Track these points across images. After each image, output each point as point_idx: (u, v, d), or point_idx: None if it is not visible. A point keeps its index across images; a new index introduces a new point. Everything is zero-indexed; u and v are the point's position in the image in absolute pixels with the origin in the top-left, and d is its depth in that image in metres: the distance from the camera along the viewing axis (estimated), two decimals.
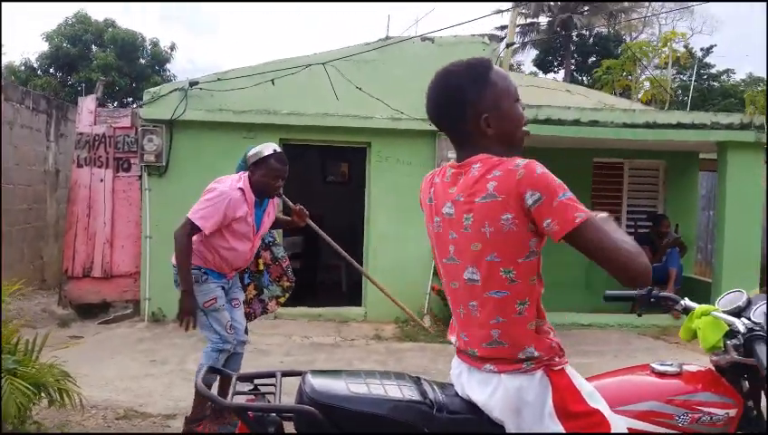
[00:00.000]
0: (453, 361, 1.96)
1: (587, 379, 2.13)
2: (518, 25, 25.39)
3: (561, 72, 26.56)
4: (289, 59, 7.54)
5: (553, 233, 1.61)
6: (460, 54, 7.30)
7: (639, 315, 2.58)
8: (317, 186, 10.36)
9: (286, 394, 1.95)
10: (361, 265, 7.84)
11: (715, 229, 8.79)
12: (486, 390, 1.77)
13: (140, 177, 7.60)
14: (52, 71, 21.59)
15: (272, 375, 2.06)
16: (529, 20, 25.59)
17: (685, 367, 2.12)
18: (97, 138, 7.64)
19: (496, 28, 24.70)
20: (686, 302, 2.29)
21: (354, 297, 8.14)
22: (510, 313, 1.70)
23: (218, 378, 3.66)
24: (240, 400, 1.91)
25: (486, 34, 7.83)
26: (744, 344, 2.02)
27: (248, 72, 7.43)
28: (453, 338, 1.92)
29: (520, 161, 1.65)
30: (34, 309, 7.31)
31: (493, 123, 1.74)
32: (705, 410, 1.98)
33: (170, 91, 7.53)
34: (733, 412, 2.01)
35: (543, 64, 27.63)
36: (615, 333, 7.35)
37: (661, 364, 2.11)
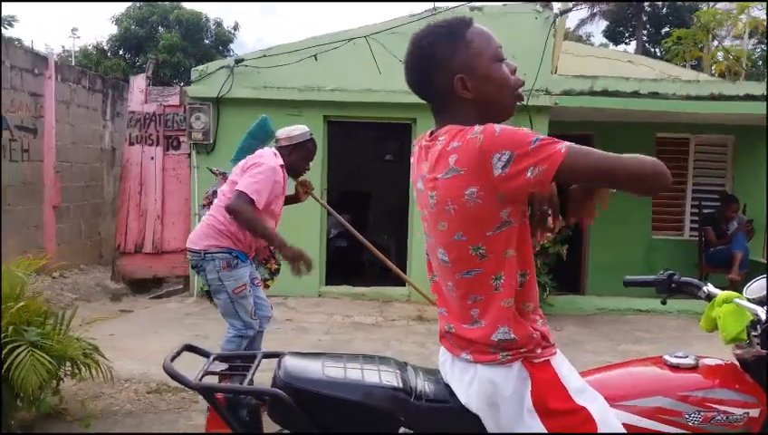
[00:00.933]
0: (441, 348, 1.82)
1: (593, 370, 1.96)
2: None
3: (633, 44, 25.37)
4: (333, 33, 7.43)
5: (545, 175, 1.41)
6: (510, 23, 6.98)
7: (664, 303, 2.36)
8: (368, 164, 10.26)
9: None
10: (406, 245, 7.74)
11: None
12: (464, 379, 1.64)
13: (189, 154, 7.70)
14: (121, 52, 22.35)
15: (252, 357, 1.98)
16: None
17: (703, 360, 1.91)
18: (147, 116, 7.80)
19: (550, 2, 23.87)
20: (710, 288, 2.06)
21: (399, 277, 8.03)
22: (486, 289, 1.56)
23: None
24: (213, 380, 1.84)
25: (539, 2, 7.44)
26: (763, 335, 1.78)
27: (292, 48, 7.37)
28: (440, 319, 1.78)
29: (477, 127, 1.47)
30: (89, 283, 7.57)
31: (471, 85, 1.57)
32: (721, 408, 1.76)
33: (217, 69, 7.56)
34: (755, 412, 1.79)
35: (614, 36, 26.46)
36: (674, 320, 6.97)
37: (675, 356, 1.90)
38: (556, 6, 7.47)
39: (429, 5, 7.59)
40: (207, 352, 1.98)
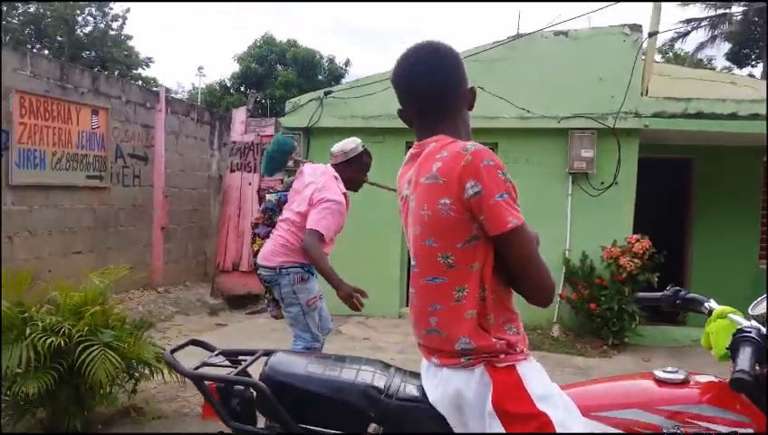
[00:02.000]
0: None
1: (584, 382, 1.95)
2: (707, 17, 23.13)
3: (760, 66, 23.62)
4: None
5: (488, 228, 1.55)
6: (596, 46, 6.92)
7: (681, 321, 2.27)
8: None
9: None
10: None
11: None
12: (433, 382, 1.71)
13: (282, 180, 8.15)
14: (242, 89, 23.95)
15: (254, 353, 2.14)
16: (719, 10, 23.05)
17: (694, 377, 1.85)
18: (246, 145, 8.38)
19: (681, 22, 22.71)
20: (711, 303, 1.99)
21: None
22: (447, 300, 1.61)
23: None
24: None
25: (627, 25, 7.25)
26: (730, 346, 1.71)
27: (377, 78, 7.66)
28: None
29: (470, 146, 1.57)
30: (190, 298, 8.17)
31: (471, 95, 1.74)
32: (704, 425, 1.70)
33: (308, 101, 8.00)
34: (745, 432, 1.71)
35: (738, 58, 24.77)
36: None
37: (664, 371, 1.85)
38: (646, 28, 7.24)
39: (513, 32, 7.60)
40: (212, 347, 2.16)
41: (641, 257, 6.60)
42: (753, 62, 24.43)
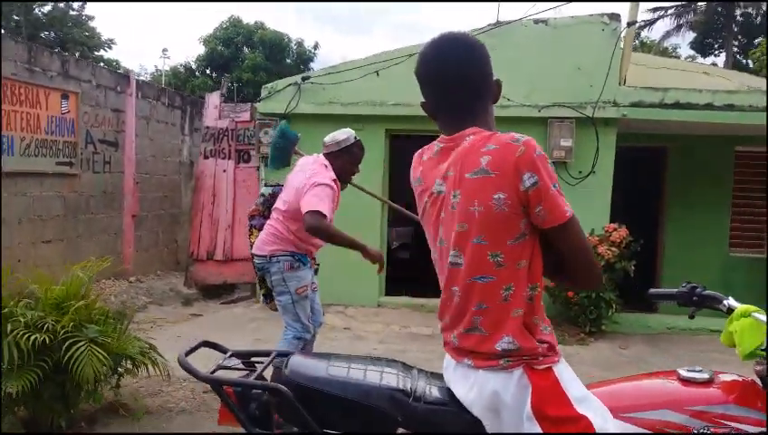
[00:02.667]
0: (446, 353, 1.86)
1: (604, 382, 1.93)
2: (673, 6, 23.52)
3: (723, 56, 24.17)
4: (395, 50, 7.56)
5: (544, 221, 1.53)
6: (576, 35, 6.91)
7: (692, 317, 2.28)
8: None
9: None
10: None
11: None
12: (466, 384, 1.67)
13: (258, 167, 8.01)
14: (208, 71, 23.47)
15: (268, 354, 2.07)
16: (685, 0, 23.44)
17: (719, 376, 1.85)
18: (221, 131, 8.19)
19: (648, 10, 23.06)
20: (731, 301, 1.99)
21: None
22: (494, 299, 1.58)
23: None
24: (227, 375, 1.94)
25: (606, 14, 7.28)
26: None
27: (356, 64, 7.55)
28: (442, 328, 1.80)
29: (519, 136, 1.55)
30: (163, 288, 7.99)
31: (497, 89, 1.71)
32: (733, 425, 1.70)
33: (285, 87, 7.84)
34: None
35: (702, 47, 25.30)
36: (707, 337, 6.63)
37: (689, 370, 1.85)
38: (624, 18, 7.28)
39: (492, 20, 7.55)
40: (225, 349, 2.08)
41: (619, 246, 6.68)
42: (717, 52, 24.98)
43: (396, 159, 7.83)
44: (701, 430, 1.69)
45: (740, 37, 24.16)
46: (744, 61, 22.70)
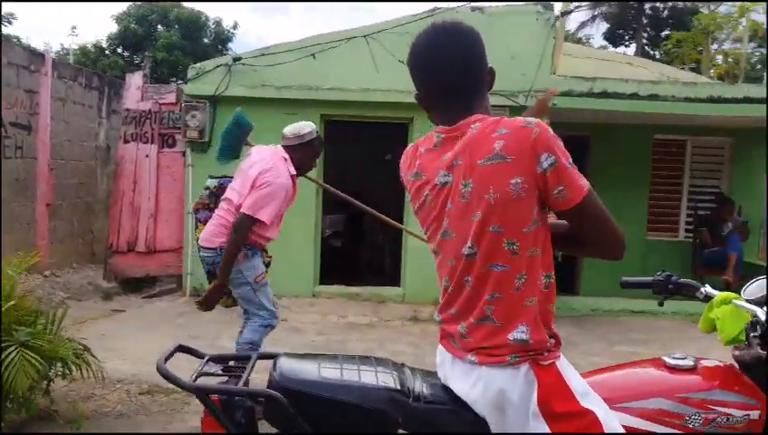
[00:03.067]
0: (438, 349, 1.78)
1: (590, 372, 1.93)
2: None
3: (633, 46, 25.35)
4: (331, 33, 7.39)
5: (566, 201, 1.49)
6: (510, 24, 6.95)
7: (661, 304, 2.32)
8: (365, 164, 10.20)
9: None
10: (400, 246, 7.69)
11: None
12: (468, 381, 1.60)
13: (184, 153, 7.64)
14: (119, 51, 22.26)
15: (247, 358, 1.93)
16: None
17: (702, 362, 1.88)
18: (143, 114, 7.73)
19: (551, 3, 23.81)
20: (708, 289, 2.04)
21: (395, 277, 8.00)
22: (507, 288, 1.53)
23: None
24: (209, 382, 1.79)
25: (540, 3, 7.40)
26: (762, 336, 1.75)
27: (290, 47, 7.33)
28: (437, 316, 1.72)
29: (531, 119, 1.49)
30: (81, 282, 7.50)
31: (491, 77, 1.67)
32: (722, 410, 1.73)
33: (214, 68, 7.51)
34: (755, 414, 1.75)
35: (614, 38, 26.45)
36: (667, 321, 6.94)
37: (674, 358, 1.87)
38: (557, 8, 7.44)
39: (430, 6, 7.52)
40: (201, 354, 1.92)
41: None
42: (627, 43, 26.18)
43: (332, 145, 7.68)
44: (693, 416, 1.71)
45: (648, 29, 25.44)
46: (652, 51, 23.90)
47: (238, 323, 6.10)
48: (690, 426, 1.69)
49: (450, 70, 1.60)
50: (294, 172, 3.66)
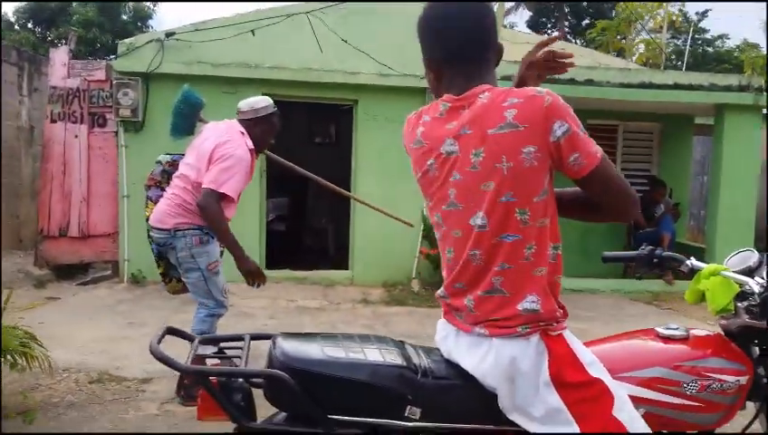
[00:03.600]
0: (438, 323, 1.76)
1: (587, 343, 1.95)
2: None
3: (555, 34, 26.06)
4: (271, 9, 7.20)
5: (581, 168, 1.49)
6: None
7: (639, 278, 2.40)
8: (303, 147, 10.06)
9: (259, 360, 1.75)
10: (347, 227, 7.64)
11: (708, 194, 8.65)
12: (476, 354, 1.59)
13: (116, 132, 7.29)
14: (30, 26, 20.93)
15: (240, 338, 1.86)
16: None
17: (692, 331, 1.94)
18: (71, 92, 7.31)
19: None
20: (693, 261, 2.10)
21: (341, 260, 7.95)
22: (517, 258, 1.52)
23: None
24: (202, 364, 1.71)
25: None
26: (760, 305, 1.83)
27: (228, 22, 7.09)
28: (441, 292, 1.70)
29: (541, 88, 1.49)
30: (10, 269, 7.04)
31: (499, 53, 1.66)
32: (716, 376, 1.80)
33: (146, 43, 7.18)
34: (744, 380, 1.84)
35: (537, 26, 27.13)
36: (607, 299, 7.23)
37: (667, 328, 1.92)
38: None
39: None
40: (191, 336, 1.84)
41: None
42: (549, 31, 26.89)
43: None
44: (689, 383, 1.77)
45: (569, 18, 26.24)
46: (574, 40, 24.67)
47: (181, 309, 5.98)
48: (688, 392, 1.75)
49: (462, 38, 1.58)
50: (252, 147, 3.54)
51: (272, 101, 3.69)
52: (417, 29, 1.64)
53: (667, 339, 1.90)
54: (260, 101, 3.65)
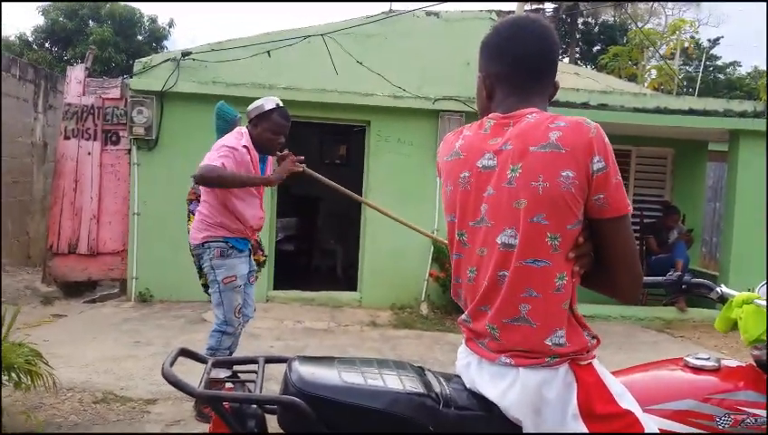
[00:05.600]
0: (460, 350, 1.69)
1: (614, 372, 1.88)
2: (525, 11, 24.99)
3: (566, 60, 26.17)
4: (287, 30, 7.23)
5: (602, 210, 1.44)
6: (466, 30, 6.96)
7: (670, 304, 2.32)
8: (315, 168, 10.03)
9: (271, 382, 1.69)
10: (357, 249, 7.59)
11: (722, 221, 8.55)
12: (501, 385, 1.51)
13: (129, 150, 7.30)
14: (47, 45, 21.19)
15: (254, 361, 1.80)
16: (534, 5, 25.12)
17: (723, 362, 1.86)
18: (85, 109, 7.34)
19: (505, 12, 24.37)
20: (723, 289, 2.03)
21: (349, 281, 7.89)
22: (547, 287, 1.45)
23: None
24: (216, 388, 1.65)
25: (494, 11, 7.50)
26: None
27: (244, 42, 7.12)
28: (465, 316, 1.63)
29: (589, 120, 1.47)
30: (17, 286, 7.02)
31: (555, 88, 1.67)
32: (749, 410, 1.72)
33: (162, 62, 7.22)
34: None
35: None
36: (618, 326, 7.10)
37: (697, 358, 1.85)
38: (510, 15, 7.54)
39: (385, 7, 7.49)
40: (204, 358, 1.77)
41: None
42: (561, 56, 27.01)
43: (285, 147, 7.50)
44: (722, 417, 1.69)
45: (581, 44, 26.36)
46: (585, 65, 24.77)
47: (188, 329, 5.92)
48: (720, 427, 1.67)
49: (524, 57, 1.57)
50: (247, 144, 3.55)
51: (276, 99, 3.65)
52: (480, 45, 1.64)
53: (697, 370, 1.83)
54: (260, 101, 3.65)
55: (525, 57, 1.57)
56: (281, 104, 3.64)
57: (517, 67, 1.57)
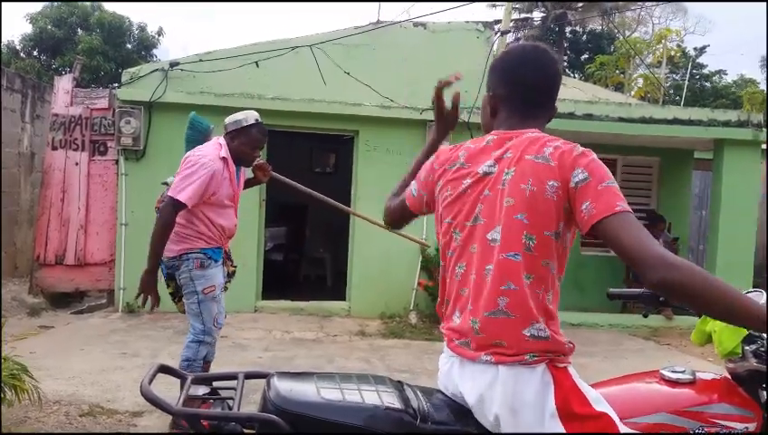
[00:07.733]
0: (441, 357, 1.74)
1: (592, 385, 1.91)
2: (512, 20, 25.14)
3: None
4: (275, 41, 7.26)
5: (590, 216, 1.48)
6: (453, 41, 7.03)
7: (645, 316, 2.35)
8: (303, 176, 10.05)
9: (251, 398, 1.70)
10: (346, 258, 7.60)
11: (707, 228, 8.63)
12: (481, 382, 1.56)
13: (117, 161, 7.29)
14: (35, 53, 21.11)
15: (233, 377, 1.81)
16: (523, 15, 25.29)
17: (698, 375, 1.89)
18: (73, 119, 7.33)
19: (491, 22, 24.50)
20: None
21: (338, 291, 7.89)
22: (522, 280, 1.53)
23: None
24: (195, 405, 1.66)
25: (481, 22, 7.56)
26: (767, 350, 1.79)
27: (232, 53, 7.14)
28: (456, 319, 1.66)
29: (578, 145, 1.59)
30: (4, 297, 6.97)
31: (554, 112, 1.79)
32: (723, 423, 1.75)
33: (150, 72, 7.23)
34: (752, 426, 1.78)
35: None
36: (605, 334, 7.16)
37: (672, 371, 1.88)
38: (497, 26, 7.60)
39: (373, 18, 7.53)
40: (183, 374, 1.79)
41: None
42: None
43: (273, 156, 7.51)
44: (696, 430, 1.72)
45: (568, 52, 26.55)
46: (572, 74, 24.94)
47: (175, 340, 5.90)
48: None
49: (530, 82, 1.69)
50: (226, 155, 3.55)
51: (255, 115, 3.69)
52: (491, 64, 1.79)
53: (672, 383, 1.86)
54: (239, 114, 3.67)
55: (530, 85, 1.69)
56: (260, 120, 3.69)
57: (521, 92, 1.70)
